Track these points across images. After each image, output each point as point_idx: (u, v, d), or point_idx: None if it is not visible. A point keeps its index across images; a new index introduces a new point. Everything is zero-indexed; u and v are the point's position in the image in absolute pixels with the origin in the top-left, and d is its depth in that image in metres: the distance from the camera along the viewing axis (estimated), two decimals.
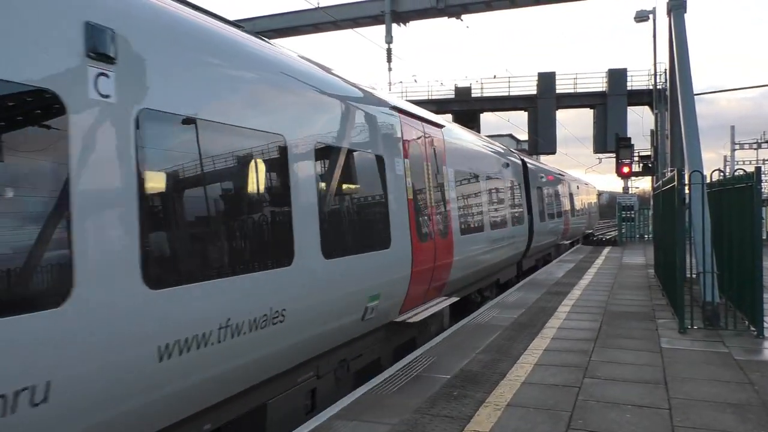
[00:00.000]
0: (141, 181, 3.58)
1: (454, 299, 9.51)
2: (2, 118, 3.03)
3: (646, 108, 37.48)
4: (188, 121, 4.05)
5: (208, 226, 4.29)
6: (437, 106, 36.18)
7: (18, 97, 3.04)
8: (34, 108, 3.15)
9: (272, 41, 6.15)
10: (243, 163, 4.65)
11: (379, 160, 7.12)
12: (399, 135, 7.84)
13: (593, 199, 38.85)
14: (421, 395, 5.61)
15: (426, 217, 8.45)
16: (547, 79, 38.96)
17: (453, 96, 40.02)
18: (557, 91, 39.05)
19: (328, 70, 6.65)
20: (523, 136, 45.93)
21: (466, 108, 39.83)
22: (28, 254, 3.02)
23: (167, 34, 4.00)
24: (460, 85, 40.30)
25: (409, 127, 8.26)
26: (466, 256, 10.29)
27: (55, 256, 3.12)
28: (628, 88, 37.69)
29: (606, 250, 24.95)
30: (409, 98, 30.53)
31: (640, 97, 37.64)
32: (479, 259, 11.41)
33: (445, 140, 9.86)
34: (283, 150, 5.11)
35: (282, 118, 5.18)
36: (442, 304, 8.86)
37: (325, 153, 5.81)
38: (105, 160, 3.38)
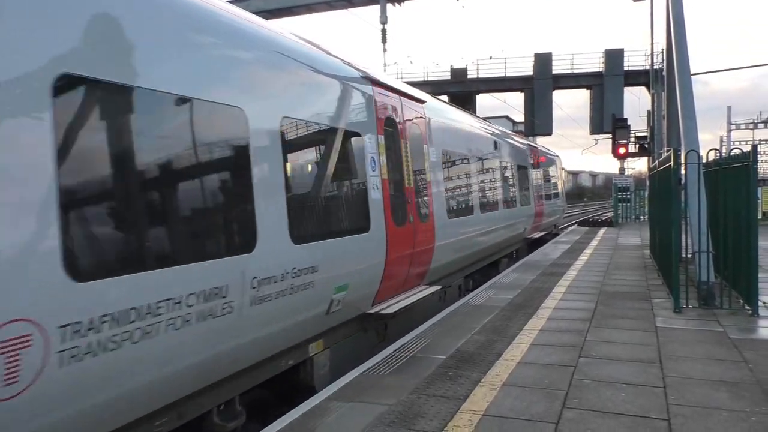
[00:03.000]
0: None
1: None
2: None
3: (643, 89, 37.39)
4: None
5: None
6: (433, 87, 35.95)
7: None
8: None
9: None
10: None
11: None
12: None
13: (557, 178, 24.47)
14: (418, 376, 5.62)
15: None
16: (543, 60, 38.75)
17: (449, 77, 39.83)
18: (554, 72, 38.90)
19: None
20: (520, 117, 45.76)
21: (462, 89, 39.66)
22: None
23: None
24: (456, 66, 40.09)
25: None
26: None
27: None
28: (625, 68, 37.59)
29: (602, 231, 25.01)
30: (404, 79, 30.28)
31: (637, 78, 37.53)
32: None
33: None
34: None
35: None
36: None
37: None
38: None
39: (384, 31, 23.61)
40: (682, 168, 9.01)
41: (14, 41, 3.01)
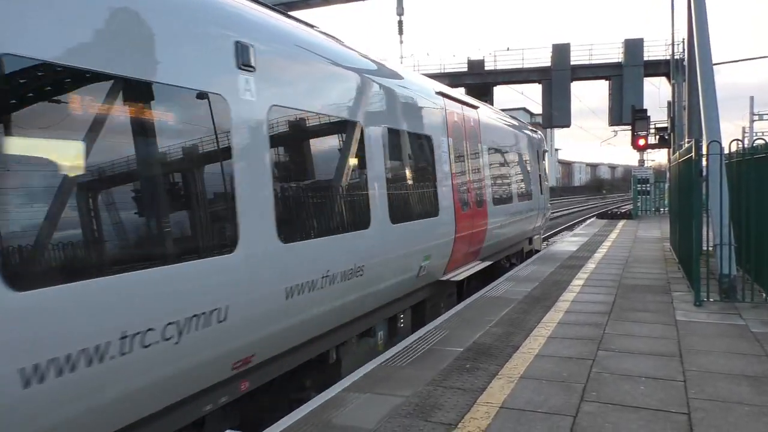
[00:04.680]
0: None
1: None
2: None
3: (663, 79, 36.82)
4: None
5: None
6: (450, 79, 35.75)
7: None
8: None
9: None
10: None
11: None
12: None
13: (530, 165, 15.37)
14: (434, 368, 5.62)
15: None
16: (561, 51, 38.31)
17: (466, 69, 39.56)
18: (572, 63, 38.43)
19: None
20: (537, 109, 45.37)
21: (479, 81, 39.37)
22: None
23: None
24: (473, 57, 39.79)
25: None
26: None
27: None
28: (645, 58, 37.01)
29: (621, 223, 24.74)
30: (421, 71, 30.15)
31: (657, 68, 36.95)
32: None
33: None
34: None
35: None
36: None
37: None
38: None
39: (401, 23, 23.50)
40: (704, 159, 8.86)
41: None
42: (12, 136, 2.89)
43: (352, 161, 6.11)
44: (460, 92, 11.47)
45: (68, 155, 3.20)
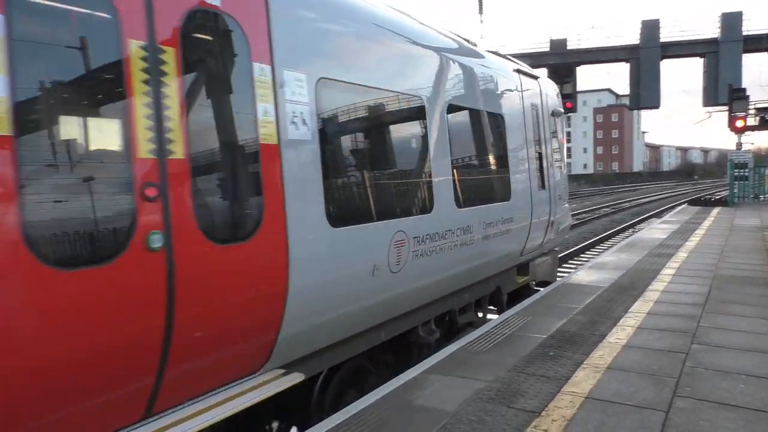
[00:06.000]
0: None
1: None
2: None
3: (765, 55, 34.10)
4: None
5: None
6: (531, 59, 34.69)
7: None
8: None
9: None
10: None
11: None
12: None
13: (518, 137, 8.28)
14: (516, 354, 5.52)
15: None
16: (650, 27, 36.25)
17: (548, 49, 38.26)
18: (662, 40, 36.30)
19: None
20: (622, 89, 43.28)
21: (561, 61, 37.95)
22: None
23: None
24: (555, 37, 38.42)
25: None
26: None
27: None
28: (744, 33, 34.35)
29: (715, 210, 23.30)
30: (500, 51, 29.46)
31: (757, 43, 34.23)
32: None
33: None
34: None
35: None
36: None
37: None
38: None
39: (481, 2, 23.00)
40: None
41: None
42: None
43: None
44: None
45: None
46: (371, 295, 4.98)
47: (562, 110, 10.28)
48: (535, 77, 9.16)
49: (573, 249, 16.89)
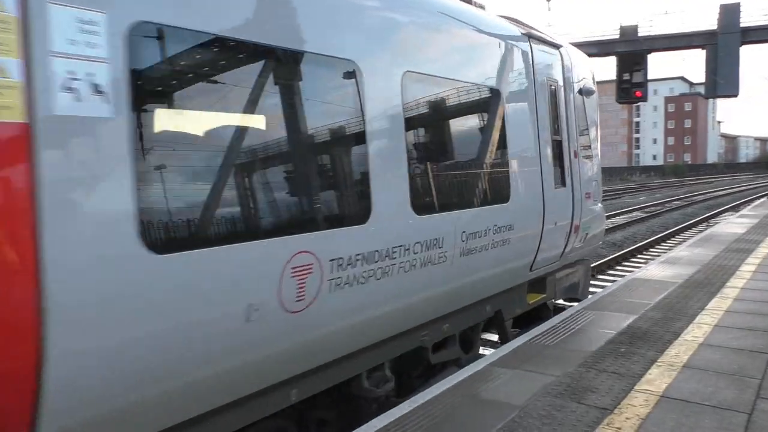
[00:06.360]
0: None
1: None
2: None
3: None
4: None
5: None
6: (599, 47, 33.65)
7: None
8: None
9: None
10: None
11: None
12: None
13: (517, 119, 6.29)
14: (585, 349, 5.39)
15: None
16: (730, 12, 34.30)
17: (617, 36, 36.90)
18: (742, 25, 34.29)
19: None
20: (696, 77, 41.25)
21: (631, 49, 36.51)
22: None
23: None
24: (626, 23, 36.98)
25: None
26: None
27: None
28: None
29: None
30: (568, 39, 28.65)
31: None
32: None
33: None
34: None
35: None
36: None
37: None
38: None
39: None
40: None
41: None
42: None
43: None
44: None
45: None
46: (251, 348, 3.33)
47: (594, 88, 8.02)
48: (556, 45, 7.10)
49: (642, 243, 16.27)
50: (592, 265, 10.37)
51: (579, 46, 9.98)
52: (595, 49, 34.53)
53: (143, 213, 2.75)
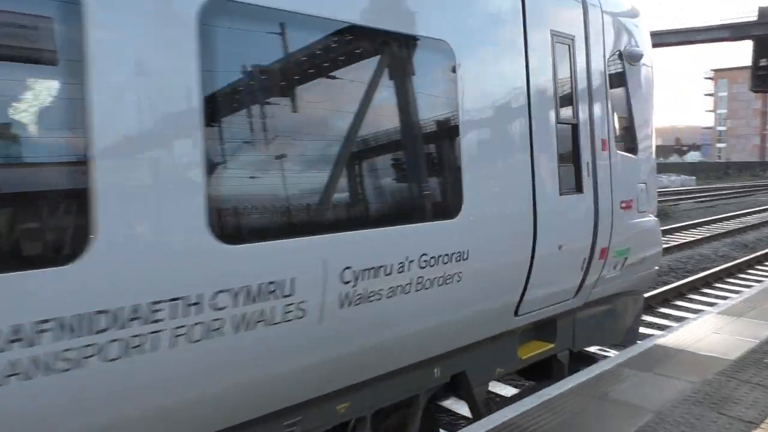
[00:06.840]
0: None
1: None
2: None
3: None
4: None
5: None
6: (731, 31, 30.97)
7: None
8: None
9: None
10: None
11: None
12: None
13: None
14: (723, 356, 5.03)
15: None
16: None
17: (755, 18, 33.75)
18: None
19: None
20: None
21: None
22: None
23: None
24: (765, 4, 33.75)
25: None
26: None
27: None
28: None
29: None
30: (691, 24, 26.52)
31: None
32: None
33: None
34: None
35: None
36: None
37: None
38: None
39: None
40: None
41: None
42: None
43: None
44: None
45: None
46: None
47: (642, 51, 5.50)
48: None
49: None
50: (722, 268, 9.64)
51: (709, 31, 8.72)
52: (727, 32, 31.81)
53: None
